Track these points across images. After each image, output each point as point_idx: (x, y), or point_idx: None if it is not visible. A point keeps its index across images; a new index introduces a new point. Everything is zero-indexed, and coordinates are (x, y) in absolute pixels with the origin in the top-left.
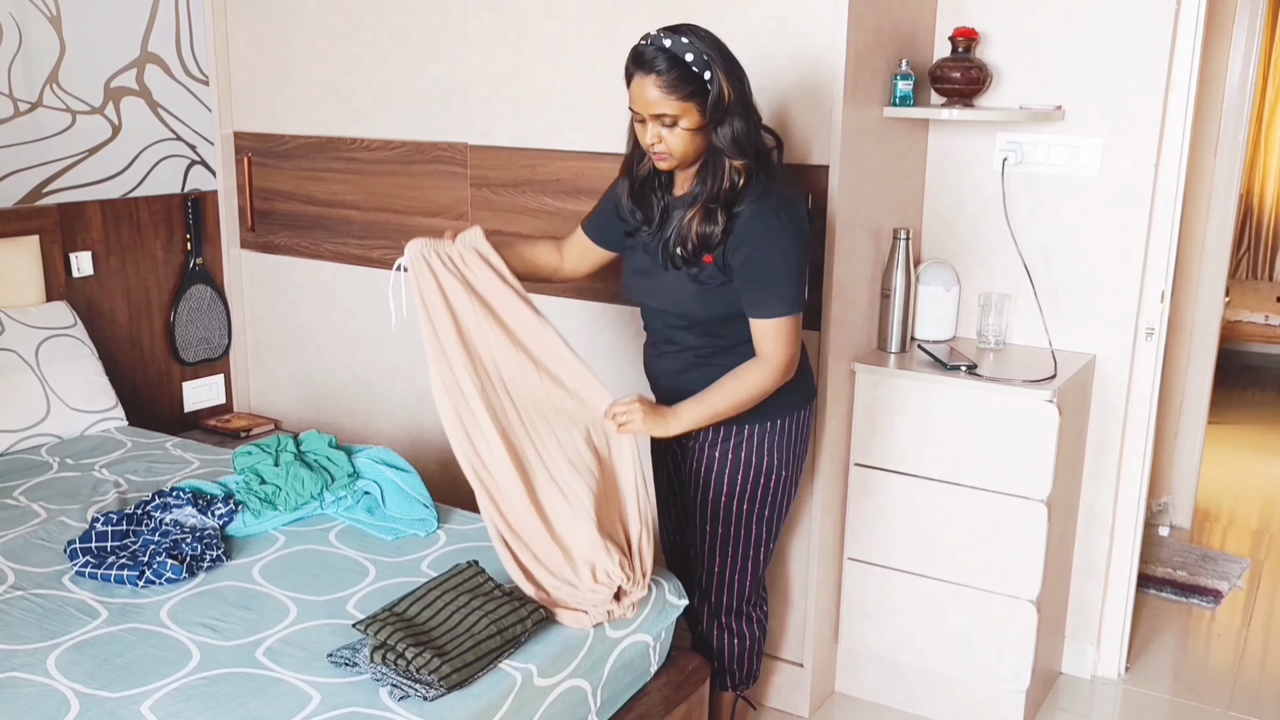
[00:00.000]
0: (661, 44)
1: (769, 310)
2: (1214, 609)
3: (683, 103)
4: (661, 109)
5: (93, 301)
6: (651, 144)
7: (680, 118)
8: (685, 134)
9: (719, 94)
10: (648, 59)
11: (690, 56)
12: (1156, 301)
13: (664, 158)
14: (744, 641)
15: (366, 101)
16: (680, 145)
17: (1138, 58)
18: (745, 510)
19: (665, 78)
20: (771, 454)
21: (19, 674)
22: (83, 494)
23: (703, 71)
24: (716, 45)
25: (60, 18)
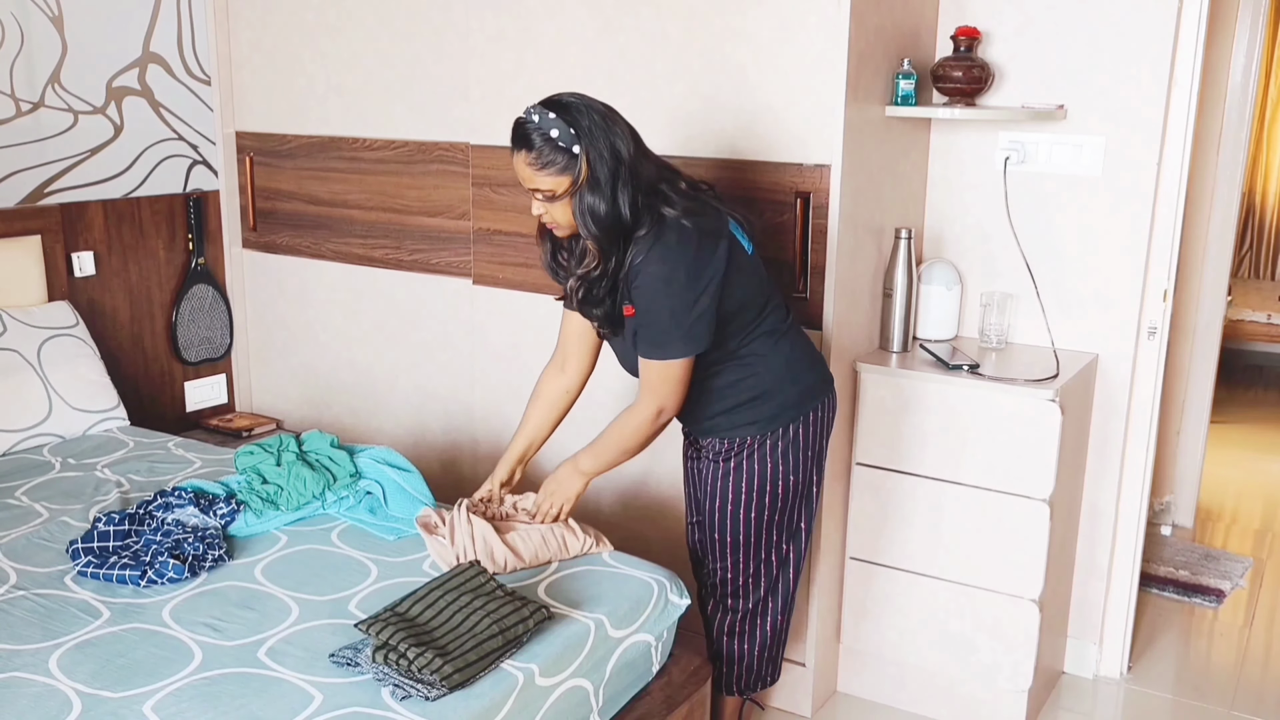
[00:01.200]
0: (533, 120)
1: (642, 350)
2: (1216, 608)
3: (554, 177)
4: (536, 184)
5: (95, 301)
6: (539, 215)
7: (555, 190)
8: (564, 205)
9: (578, 170)
10: (522, 135)
11: (555, 132)
12: (1159, 300)
13: (556, 227)
14: (753, 645)
15: (368, 101)
16: (564, 216)
17: (1140, 57)
18: (754, 519)
19: (536, 153)
20: (778, 462)
21: (21, 674)
22: (85, 494)
23: (571, 145)
24: (589, 116)
25: (62, 18)
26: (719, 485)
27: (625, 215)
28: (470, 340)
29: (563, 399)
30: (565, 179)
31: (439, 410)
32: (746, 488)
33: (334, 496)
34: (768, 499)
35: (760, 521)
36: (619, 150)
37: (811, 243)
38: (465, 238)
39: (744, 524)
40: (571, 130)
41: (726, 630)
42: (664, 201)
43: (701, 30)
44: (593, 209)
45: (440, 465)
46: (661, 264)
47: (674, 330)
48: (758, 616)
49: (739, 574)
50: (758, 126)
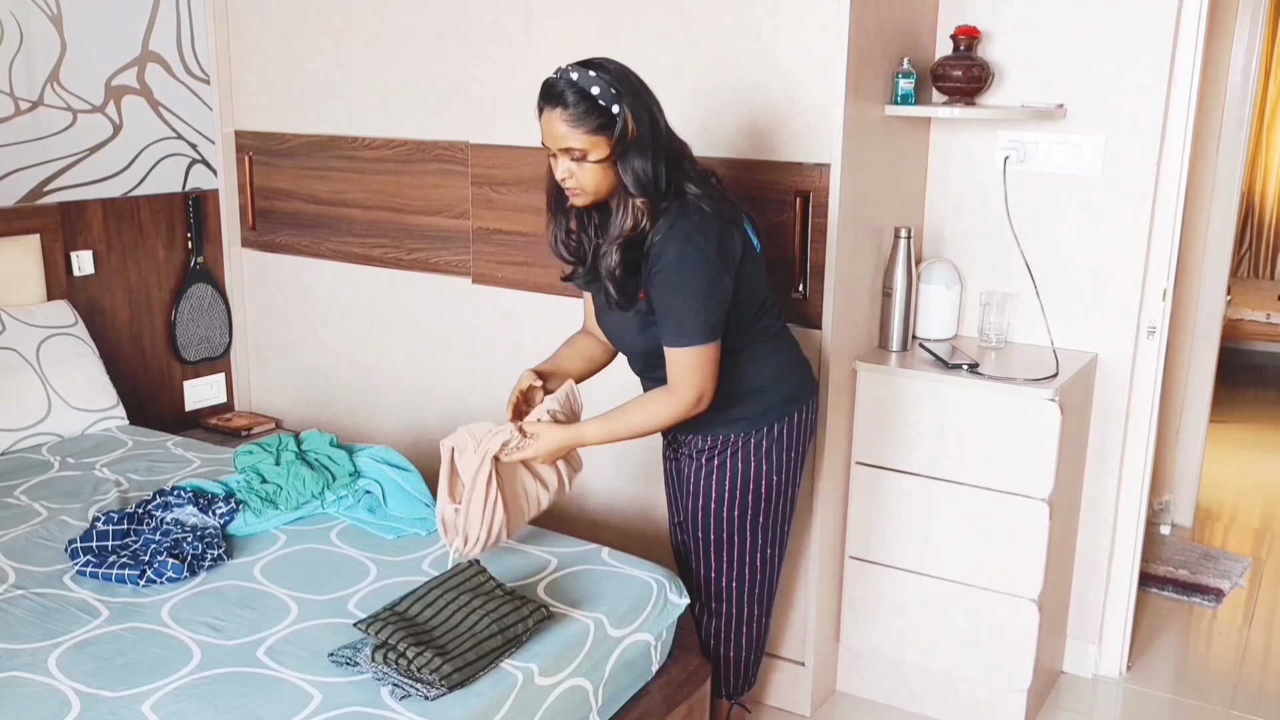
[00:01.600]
0: (570, 77)
1: (671, 339)
2: (1216, 608)
3: (591, 136)
4: (570, 143)
5: (94, 300)
6: (563, 179)
7: (589, 151)
8: (595, 168)
9: (624, 128)
10: (556, 92)
11: (597, 90)
12: (1158, 300)
13: (576, 193)
14: (739, 651)
15: (368, 100)
16: (591, 180)
17: (1140, 56)
18: (738, 518)
19: (573, 111)
20: (762, 461)
21: (20, 673)
22: (84, 493)
23: (610, 105)
24: (626, 79)
25: (61, 16)
26: (701, 484)
27: (663, 182)
28: (470, 339)
29: (598, 351)
30: (600, 139)
31: (438, 409)
32: (730, 486)
33: (333, 496)
34: (750, 498)
35: (744, 521)
36: (655, 116)
37: (811, 242)
38: (464, 237)
39: (727, 523)
40: (613, 90)
41: (714, 635)
42: (686, 178)
43: (702, 30)
44: (644, 169)
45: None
46: (686, 244)
47: (703, 313)
48: (744, 622)
49: (722, 575)
50: (758, 125)
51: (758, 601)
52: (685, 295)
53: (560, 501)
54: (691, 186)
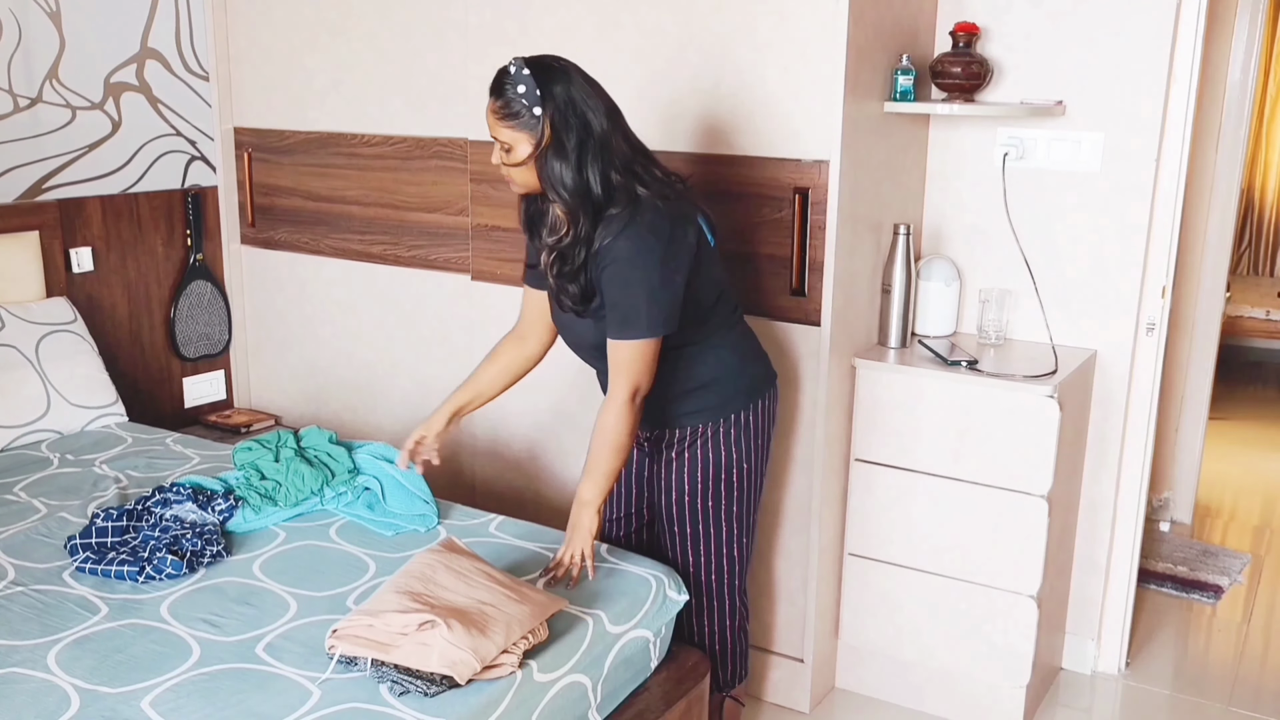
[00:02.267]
0: (509, 70)
1: (615, 331)
2: (1214, 604)
3: (512, 131)
4: (496, 133)
5: (93, 297)
6: (496, 164)
7: (513, 146)
8: (522, 168)
9: (540, 133)
10: (496, 82)
11: (523, 89)
12: (1157, 297)
13: (510, 181)
14: (725, 643)
15: (367, 97)
16: (519, 174)
17: (1139, 53)
18: (712, 508)
19: (501, 103)
20: (730, 449)
21: (19, 670)
22: (83, 490)
23: (533, 106)
24: (566, 83)
25: (60, 13)
26: (673, 478)
27: (595, 189)
28: (468, 336)
29: (520, 364)
30: (523, 136)
31: (437, 406)
32: (702, 477)
33: (332, 492)
34: (722, 487)
35: (717, 511)
36: (590, 123)
37: (810, 239)
38: (464, 233)
39: (701, 514)
40: (538, 92)
41: (700, 629)
42: (638, 182)
43: (699, 26)
44: (560, 176)
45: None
46: (637, 241)
47: (650, 308)
48: (726, 614)
49: (701, 568)
50: (756, 122)
51: (738, 592)
52: (633, 290)
53: (560, 500)
54: (643, 190)
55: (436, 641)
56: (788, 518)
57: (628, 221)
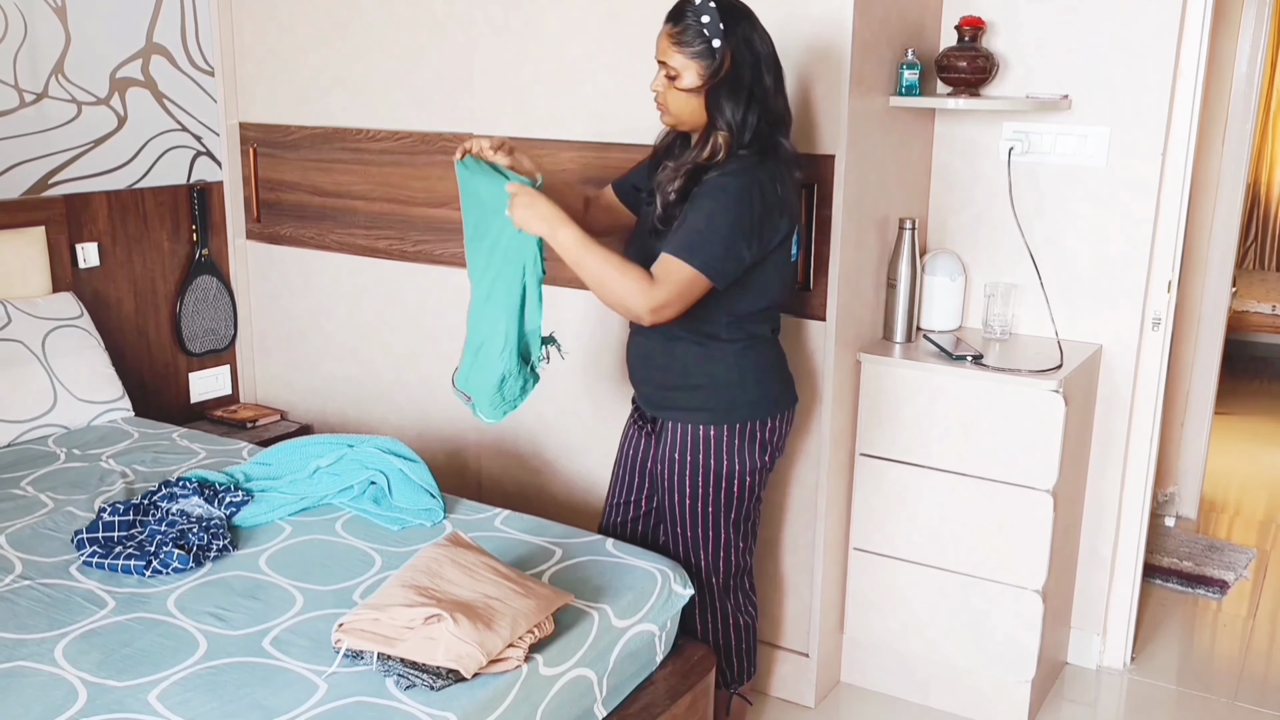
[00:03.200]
0: (694, 2)
1: (674, 248)
2: (1220, 599)
3: (685, 59)
4: (666, 57)
5: (99, 292)
6: (654, 89)
7: (681, 73)
8: (680, 93)
9: (719, 64)
10: (677, 10)
11: (706, 19)
12: (1163, 292)
13: (662, 109)
14: (729, 640)
15: (372, 92)
16: (676, 102)
17: (1145, 47)
18: (712, 513)
19: (676, 29)
20: (733, 457)
21: (27, 663)
22: (90, 484)
23: (714, 38)
24: (748, 28)
25: (65, 8)
26: (675, 479)
27: (747, 134)
28: None
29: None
30: (694, 65)
31: (444, 401)
32: (703, 481)
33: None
34: (722, 496)
35: (717, 517)
36: (761, 70)
37: (815, 233)
38: None
39: (702, 517)
40: (721, 26)
41: (706, 626)
42: (775, 145)
43: None
44: (732, 113)
45: (444, 455)
46: (744, 188)
47: (717, 248)
48: (729, 612)
49: (704, 571)
50: None
51: (742, 590)
52: (713, 223)
53: (566, 494)
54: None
55: (443, 635)
56: (793, 513)
57: (748, 168)
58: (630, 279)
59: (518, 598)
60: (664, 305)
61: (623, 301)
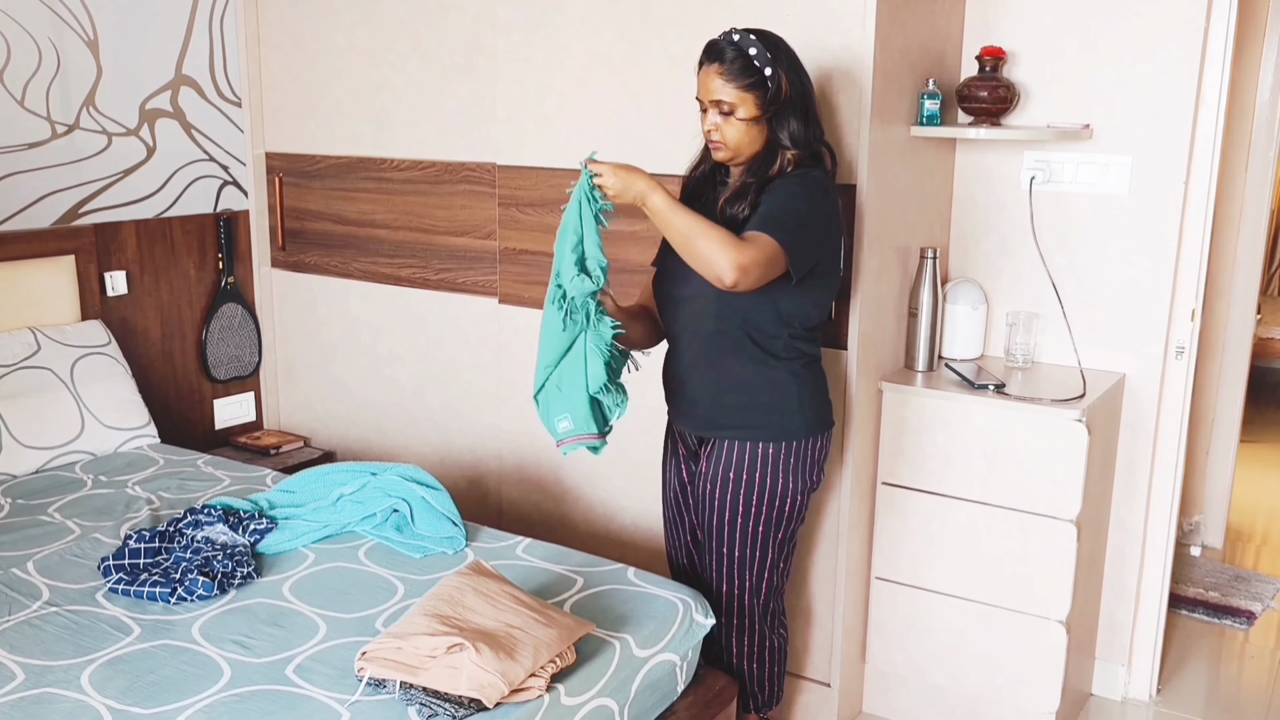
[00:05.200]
0: (732, 38)
1: (760, 225)
2: (1247, 630)
3: (741, 92)
4: (720, 96)
5: (127, 320)
6: (709, 131)
7: (738, 107)
8: (740, 124)
9: (777, 89)
10: (717, 49)
11: (754, 51)
12: (1187, 320)
13: (719, 146)
14: (763, 665)
15: (396, 122)
16: (735, 135)
17: (1167, 75)
18: (761, 533)
19: (727, 66)
20: (784, 476)
21: (53, 690)
22: (116, 511)
23: (764, 67)
24: (784, 48)
25: (97, 41)
26: (728, 499)
27: (814, 145)
28: (496, 359)
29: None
30: (750, 97)
31: (465, 429)
32: (758, 501)
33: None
34: (775, 512)
35: (765, 537)
36: (809, 89)
37: None
38: (491, 257)
39: (750, 537)
40: (769, 54)
41: (737, 652)
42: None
43: None
44: (798, 129)
45: (467, 483)
46: (812, 181)
47: (799, 229)
48: (765, 635)
49: (745, 592)
50: None
51: (775, 613)
52: (792, 209)
53: (586, 522)
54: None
55: (465, 664)
56: (815, 541)
57: (811, 173)
58: (718, 233)
59: (540, 627)
60: (750, 266)
61: (710, 256)
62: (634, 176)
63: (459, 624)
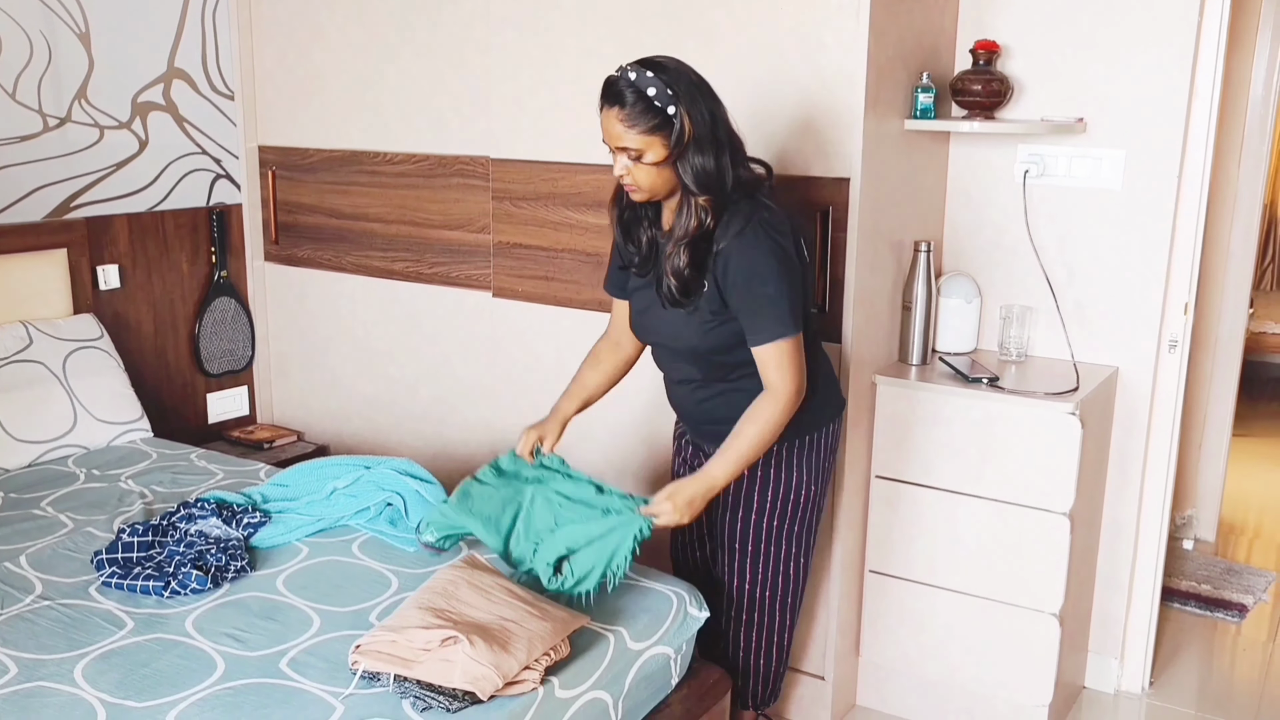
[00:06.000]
0: (628, 77)
1: (762, 335)
2: (1239, 623)
3: (646, 136)
4: (626, 142)
5: (119, 314)
6: (620, 176)
7: (645, 151)
8: (651, 168)
9: (680, 129)
10: (615, 91)
11: (653, 91)
12: (1180, 313)
13: (634, 189)
14: (769, 661)
15: (390, 115)
16: (647, 179)
17: (1160, 69)
18: (776, 527)
19: (628, 110)
20: (802, 470)
21: (46, 683)
22: (109, 505)
23: (666, 106)
24: (686, 79)
25: (89, 34)
26: (742, 495)
27: (729, 179)
28: (490, 353)
29: (620, 367)
30: (655, 139)
31: (459, 422)
32: (773, 495)
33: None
34: (790, 508)
35: (781, 530)
36: (717, 115)
37: (831, 256)
38: (485, 251)
39: (765, 533)
40: (669, 91)
41: (743, 645)
42: (752, 182)
43: (720, 46)
44: (704, 168)
45: (460, 477)
46: (765, 239)
47: (792, 306)
48: (774, 630)
49: (756, 585)
50: (777, 141)
51: (790, 609)
52: (774, 291)
53: None
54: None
55: (459, 657)
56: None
57: (749, 218)
58: (765, 412)
59: (533, 620)
60: (799, 386)
61: (781, 424)
62: (689, 497)
63: (453, 617)
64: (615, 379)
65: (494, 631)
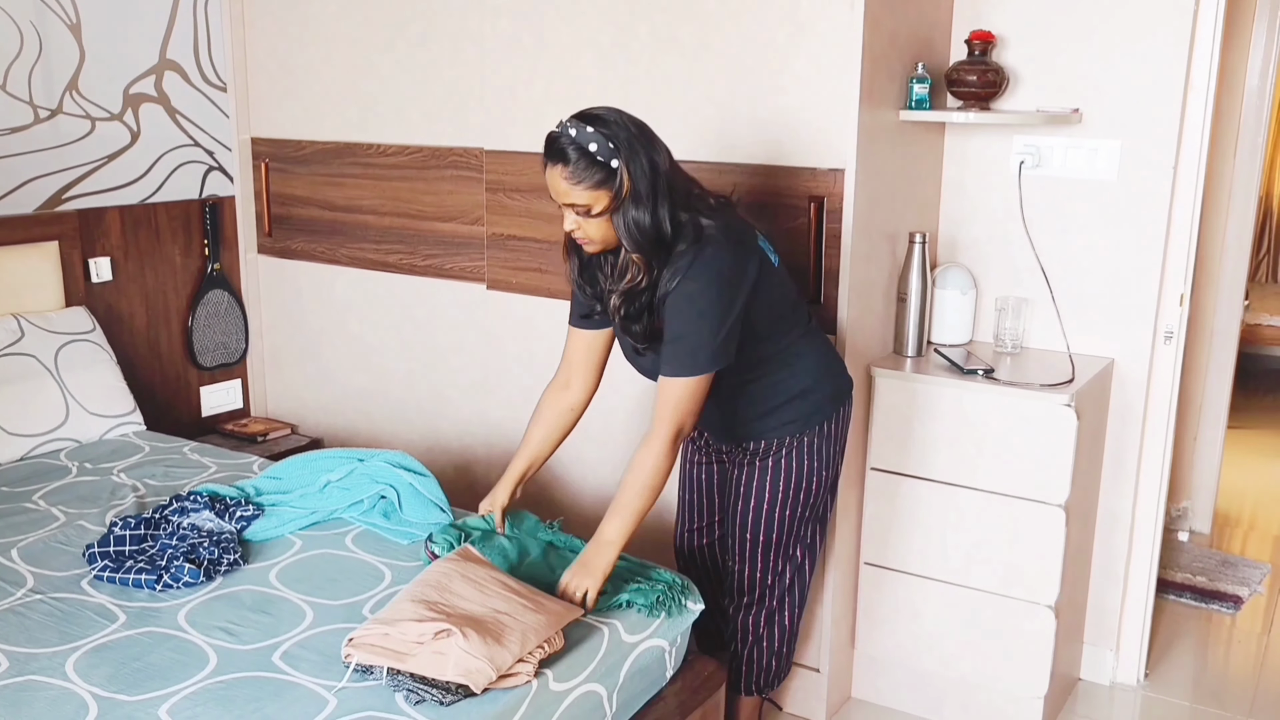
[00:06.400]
0: (569, 134)
1: (670, 369)
2: (1234, 615)
3: (592, 191)
4: (573, 199)
5: (111, 307)
6: (571, 230)
7: (591, 206)
8: (601, 220)
9: (619, 185)
10: (558, 149)
11: (595, 146)
12: (1175, 305)
13: (587, 242)
14: (773, 643)
15: (383, 107)
16: (598, 231)
17: (1156, 60)
18: (788, 516)
19: (572, 168)
20: (814, 458)
21: (38, 677)
22: (101, 498)
23: (609, 160)
24: (626, 130)
25: (80, 25)
26: (754, 486)
27: (666, 229)
28: (484, 345)
29: (566, 417)
30: (602, 193)
31: (453, 414)
32: (784, 485)
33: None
34: (802, 495)
35: (794, 518)
36: (656, 163)
37: (825, 247)
38: (479, 243)
39: (778, 522)
40: (610, 145)
41: (750, 631)
42: (699, 214)
43: (715, 36)
44: (638, 223)
45: (454, 469)
46: (701, 280)
47: (709, 344)
48: (778, 613)
49: (767, 573)
50: (771, 131)
51: (798, 592)
52: (693, 327)
53: (575, 509)
54: (705, 219)
55: (452, 650)
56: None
57: (693, 259)
58: (644, 461)
59: (527, 612)
60: (679, 427)
61: (666, 468)
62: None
63: (446, 610)
64: (562, 434)
65: (488, 624)
